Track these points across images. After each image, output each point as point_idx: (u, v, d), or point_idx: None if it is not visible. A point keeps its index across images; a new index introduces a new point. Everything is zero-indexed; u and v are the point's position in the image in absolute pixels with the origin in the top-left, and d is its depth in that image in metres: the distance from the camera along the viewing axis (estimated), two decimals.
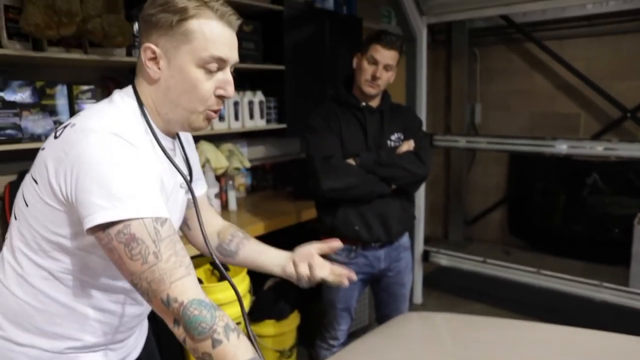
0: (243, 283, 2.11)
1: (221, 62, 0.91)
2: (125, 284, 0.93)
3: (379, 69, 1.82)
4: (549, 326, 1.50)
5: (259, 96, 2.71)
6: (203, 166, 2.34)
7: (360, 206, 1.89)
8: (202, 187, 1.23)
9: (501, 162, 4.53)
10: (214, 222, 1.26)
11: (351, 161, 1.86)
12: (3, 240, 1.42)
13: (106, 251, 0.83)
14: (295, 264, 1.19)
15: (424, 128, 3.26)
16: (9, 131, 1.80)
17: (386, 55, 1.81)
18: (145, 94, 0.94)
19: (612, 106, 3.85)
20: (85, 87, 2.10)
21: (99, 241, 0.82)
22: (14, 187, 1.90)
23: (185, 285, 0.80)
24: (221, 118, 2.51)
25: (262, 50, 2.69)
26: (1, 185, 1.92)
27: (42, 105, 1.97)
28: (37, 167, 0.89)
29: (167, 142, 0.99)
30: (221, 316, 0.81)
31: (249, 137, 2.97)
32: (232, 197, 2.52)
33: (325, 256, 2.00)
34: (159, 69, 0.91)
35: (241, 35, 2.55)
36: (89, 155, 0.80)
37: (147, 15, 0.90)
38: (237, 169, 2.54)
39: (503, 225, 4.61)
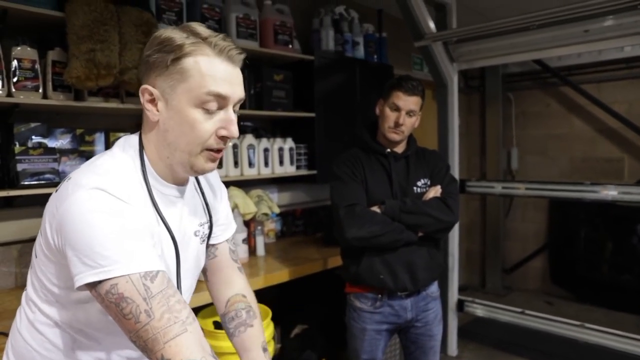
0: (267, 329, 2.07)
1: (221, 100, 0.87)
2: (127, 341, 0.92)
3: (402, 116, 1.82)
4: None
5: (289, 143, 2.76)
6: (232, 211, 2.37)
7: (385, 254, 1.84)
8: (226, 235, 1.17)
9: (541, 207, 4.37)
10: (231, 282, 1.18)
11: (376, 209, 1.83)
12: None
13: (103, 308, 0.81)
14: None
15: (457, 173, 3.22)
16: (47, 175, 1.90)
17: (408, 102, 1.82)
18: (148, 140, 0.92)
19: None
20: (121, 134, 2.20)
21: (93, 295, 0.81)
22: None
23: (179, 345, 0.77)
24: (251, 164, 2.56)
25: (292, 98, 2.76)
26: (36, 227, 1.97)
27: (80, 151, 2.09)
28: (43, 220, 0.90)
29: (169, 189, 0.95)
30: None
31: (279, 183, 3.00)
32: (260, 242, 2.52)
33: (350, 303, 1.96)
34: (158, 110, 0.88)
35: (272, 84, 2.66)
36: (72, 212, 0.79)
37: (146, 57, 0.89)
38: (266, 214, 2.55)
39: (544, 274, 4.39)
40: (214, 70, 0.86)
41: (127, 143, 0.94)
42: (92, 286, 0.79)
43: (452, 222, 1.88)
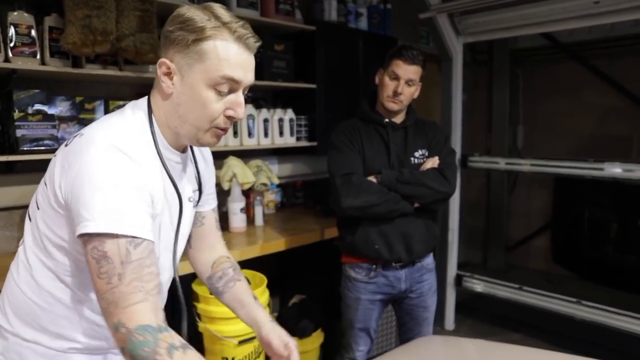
0: (262, 297, 2.11)
1: (233, 84, 0.92)
2: None
3: (401, 85, 1.80)
4: (573, 357, 1.39)
5: (289, 114, 2.74)
6: (230, 180, 2.38)
7: (381, 224, 1.85)
8: (211, 204, 1.23)
9: (546, 185, 4.32)
10: (215, 248, 1.25)
11: (372, 179, 1.83)
12: None
13: (87, 264, 0.85)
14: (267, 343, 1.14)
15: (459, 149, 3.20)
16: (46, 141, 1.91)
17: (408, 70, 1.79)
18: (158, 107, 0.96)
19: None
20: (121, 103, 2.21)
21: (83, 247, 0.85)
22: None
23: (137, 312, 0.80)
24: (250, 134, 2.56)
25: (293, 69, 2.73)
26: None
27: (80, 118, 2.09)
28: (49, 173, 0.93)
29: (174, 155, 1.00)
30: (165, 337, 0.81)
31: (279, 154, 3.00)
32: (259, 212, 2.54)
33: (345, 273, 1.98)
34: (173, 84, 0.93)
35: (272, 54, 2.63)
36: (85, 166, 0.84)
37: (167, 32, 0.92)
38: (265, 184, 2.56)
39: (546, 253, 4.37)
40: (231, 56, 0.90)
41: (137, 106, 0.98)
42: (84, 241, 0.83)
43: (448, 193, 1.87)
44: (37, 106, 1.94)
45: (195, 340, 2.04)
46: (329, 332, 2.53)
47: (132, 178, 0.85)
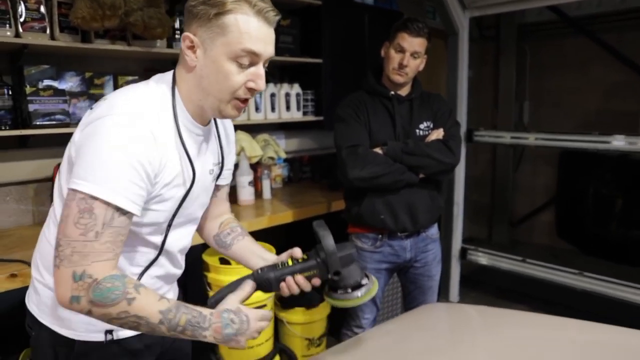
0: None
1: (254, 57, 0.95)
2: (145, 249, 1.03)
3: (406, 57, 1.82)
4: (588, 324, 1.43)
5: (295, 89, 2.76)
6: (238, 154, 2.42)
7: (387, 195, 1.88)
8: (227, 179, 1.29)
9: (551, 161, 4.33)
10: (222, 211, 1.32)
11: (378, 150, 1.86)
12: None
13: (63, 206, 0.89)
14: None
15: (465, 123, 3.21)
16: (58, 116, 1.95)
17: (413, 43, 1.80)
18: (183, 81, 1.00)
19: None
20: (130, 78, 2.24)
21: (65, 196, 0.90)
22: None
23: (105, 266, 0.86)
24: (257, 109, 2.58)
25: (299, 44, 2.74)
26: (50, 167, 2.07)
27: (90, 94, 2.13)
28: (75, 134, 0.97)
29: (195, 128, 1.03)
30: (130, 279, 0.89)
31: (287, 129, 3.03)
32: (266, 186, 2.58)
33: (351, 242, 2.02)
34: (196, 57, 0.96)
35: (279, 29, 2.63)
36: (99, 130, 0.88)
37: (190, 6, 0.95)
38: (272, 158, 2.60)
39: (551, 229, 4.41)
40: (251, 29, 0.93)
41: (162, 79, 1.02)
42: (75, 190, 0.86)
43: (452, 163, 1.90)
44: (47, 81, 1.97)
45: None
46: None
47: (137, 150, 0.89)
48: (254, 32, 0.93)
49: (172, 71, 1.02)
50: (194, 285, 2.04)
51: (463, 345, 1.40)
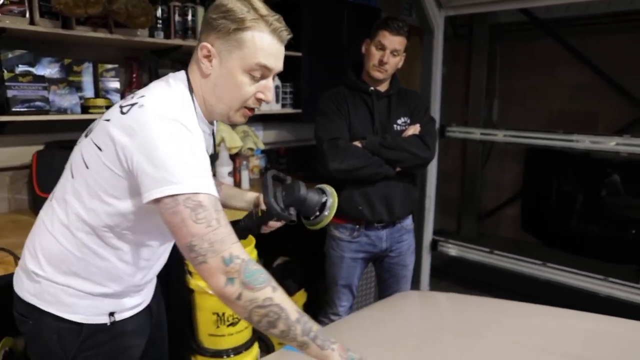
0: (251, 255, 2.20)
1: (266, 70, 1.04)
2: (155, 243, 1.11)
3: (387, 54, 1.88)
4: (550, 309, 1.54)
5: (275, 81, 2.80)
6: (218, 145, 2.44)
7: (364, 187, 1.96)
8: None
9: (517, 158, 4.51)
10: None
11: (357, 143, 1.93)
12: (30, 203, 1.49)
13: (167, 215, 0.92)
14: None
15: (438, 119, 3.31)
16: (37, 103, 1.93)
17: (393, 41, 1.87)
18: (197, 84, 1.07)
19: (633, 105, 3.81)
20: (109, 66, 2.23)
21: (162, 206, 0.92)
22: (41, 157, 2.03)
23: (240, 248, 0.94)
24: None
25: None
26: (28, 154, 2.05)
27: (69, 81, 2.10)
28: (101, 136, 0.99)
29: (205, 127, 1.11)
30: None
31: (265, 120, 3.06)
32: (245, 177, 2.61)
33: (329, 233, 2.09)
34: (212, 66, 1.04)
35: None
36: (158, 138, 0.92)
37: (210, 18, 1.03)
38: (251, 149, 2.63)
39: (516, 222, 4.60)
40: (266, 46, 1.02)
41: (177, 78, 1.08)
42: (172, 196, 0.91)
43: (428, 158, 1.99)
44: (24, 67, 1.94)
45: (187, 296, 2.13)
46: (311, 292, 2.66)
47: (197, 147, 0.96)
48: (268, 48, 1.01)
49: (183, 72, 1.08)
50: (175, 272, 2.06)
51: (435, 329, 1.49)
